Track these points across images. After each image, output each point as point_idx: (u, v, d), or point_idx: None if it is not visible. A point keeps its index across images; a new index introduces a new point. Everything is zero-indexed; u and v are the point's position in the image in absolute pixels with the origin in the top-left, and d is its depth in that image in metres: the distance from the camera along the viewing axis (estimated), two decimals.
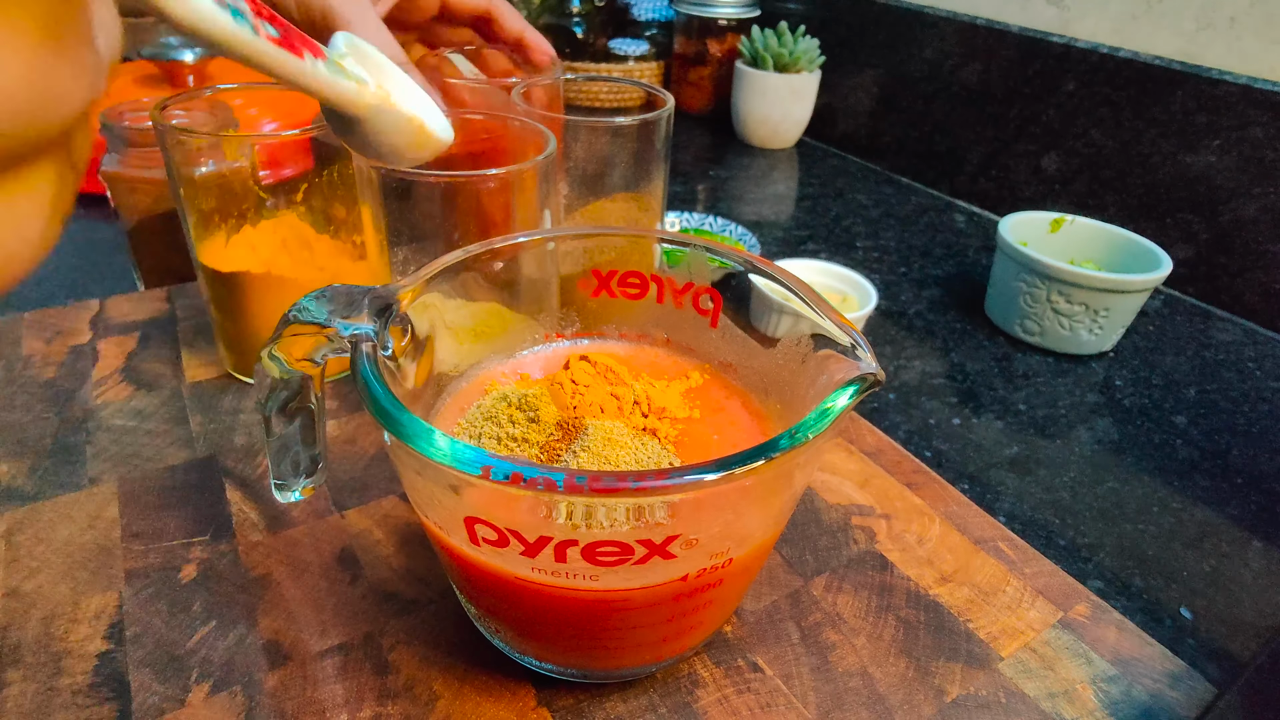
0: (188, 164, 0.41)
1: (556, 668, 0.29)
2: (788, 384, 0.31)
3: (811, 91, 0.99)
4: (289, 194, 0.44)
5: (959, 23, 0.85)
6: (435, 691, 0.29)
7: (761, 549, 0.27)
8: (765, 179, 0.94)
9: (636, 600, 0.25)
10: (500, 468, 0.21)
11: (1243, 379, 0.59)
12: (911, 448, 0.50)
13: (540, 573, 0.23)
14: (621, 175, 0.46)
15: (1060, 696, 0.31)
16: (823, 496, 0.40)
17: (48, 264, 0.64)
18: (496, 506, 0.23)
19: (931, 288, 0.70)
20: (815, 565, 0.36)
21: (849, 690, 0.31)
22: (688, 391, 0.33)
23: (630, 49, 1.11)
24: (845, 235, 0.80)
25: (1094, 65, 0.73)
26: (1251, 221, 0.65)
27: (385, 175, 0.36)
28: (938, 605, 0.35)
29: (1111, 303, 0.57)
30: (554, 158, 0.38)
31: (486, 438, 0.29)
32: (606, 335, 0.37)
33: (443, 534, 0.25)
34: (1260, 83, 0.63)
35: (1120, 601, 0.40)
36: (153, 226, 0.55)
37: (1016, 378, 0.58)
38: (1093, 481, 0.48)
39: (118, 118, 0.52)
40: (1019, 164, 0.82)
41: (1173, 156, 0.69)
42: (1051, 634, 0.33)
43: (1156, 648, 0.33)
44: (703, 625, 0.29)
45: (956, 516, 0.39)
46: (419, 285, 0.29)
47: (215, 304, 0.44)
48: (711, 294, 0.33)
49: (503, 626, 0.28)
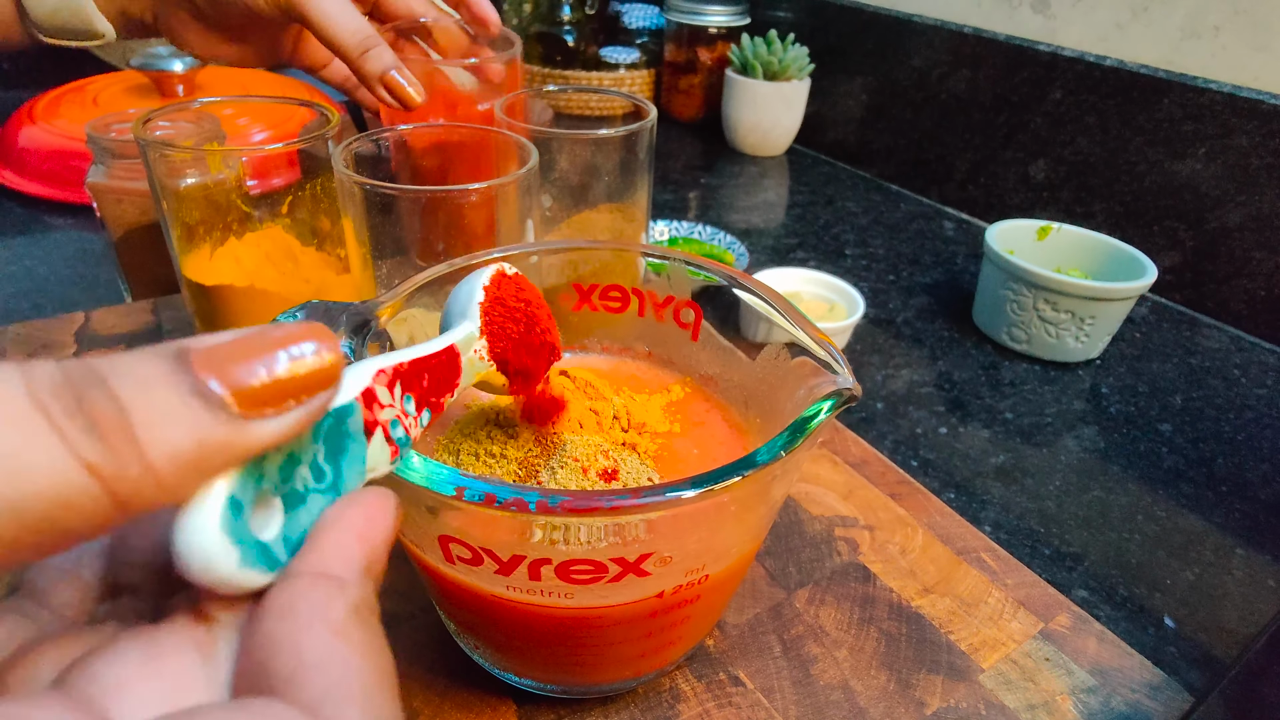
0: (171, 177, 0.41)
1: (536, 683, 0.29)
2: (767, 397, 0.31)
3: (801, 99, 1.00)
4: (274, 207, 0.44)
5: (947, 31, 0.85)
6: (415, 709, 0.29)
7: (740, 563, 0.27)
8: (755, 187, 0.94)
9: (612, 617, 0.25)
10: (474, 488, 0.21)
11: (1228, 386, 0.59)
12: (898, 457, 0.50)
13: (515, 590, 0.23)
14: (606, 186, 0.46)
15: (1040, 708, 0.31)
16: (806, 508, 0.40)
17: (36, 276, 0.64)
18: (471, 526, 0.23)
19: (920, 295, 0.70)
20: (798, 577, 0.36)
21: (830, 703, 0.31)
22: (668, 405, 0.33)
23: (621, 57, 1.11)
24: (834, 243, 0.80)
25: (1080, 73, 0.74)
26: (1237, 229, 0.66)
27: (368, 189, 0.36)
28: (919, 617, 0.35)
29: (1098, 310, 0.58)
30: (535, 171, 0.39)
31: (465, 454, 0.29)
32: (588, 349, 0.37)
33: (419, 551, 0.25)
34: (1245, 91, 0.64)
35: (1104, 610, 0.40)
36: (140, 238, 0.55)
37: (1003, 386, 0.58)
38: (1078, 490, 0.48)
39: (104, 129, 0.52)
40: (1007, 172, 0.83)
41: (1159, 164, 0.70)
42: (1032, 645, 0.34)
43: (1136, 658, 0.33)
44: (682, 640, 0.29)
45: (940, 527, 0.39)
46: (399, 300, 0.29)
47: (199, 317, 0.44)
48: (692, 307, 0.34)
49: (481, 643, 0.28)
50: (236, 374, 0.13)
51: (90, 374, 0.12)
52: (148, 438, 0.12)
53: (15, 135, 0.76)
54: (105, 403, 0.12)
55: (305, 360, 0.14)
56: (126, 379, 0.12)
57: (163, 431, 0.12)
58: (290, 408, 0.14)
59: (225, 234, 0.43)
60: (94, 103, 0.77)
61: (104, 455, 0.12)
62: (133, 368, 0.13)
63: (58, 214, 0.73)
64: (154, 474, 0.12)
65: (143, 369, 0.13)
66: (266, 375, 0.14)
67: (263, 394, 0.13)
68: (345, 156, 0.38)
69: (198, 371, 0.13)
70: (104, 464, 0.12)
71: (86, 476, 0.12)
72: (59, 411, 0.12)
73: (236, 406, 0.13)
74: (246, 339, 0.14)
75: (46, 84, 0.82)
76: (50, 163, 0.74)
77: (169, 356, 0.13)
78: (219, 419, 0.13)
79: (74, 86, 0.81)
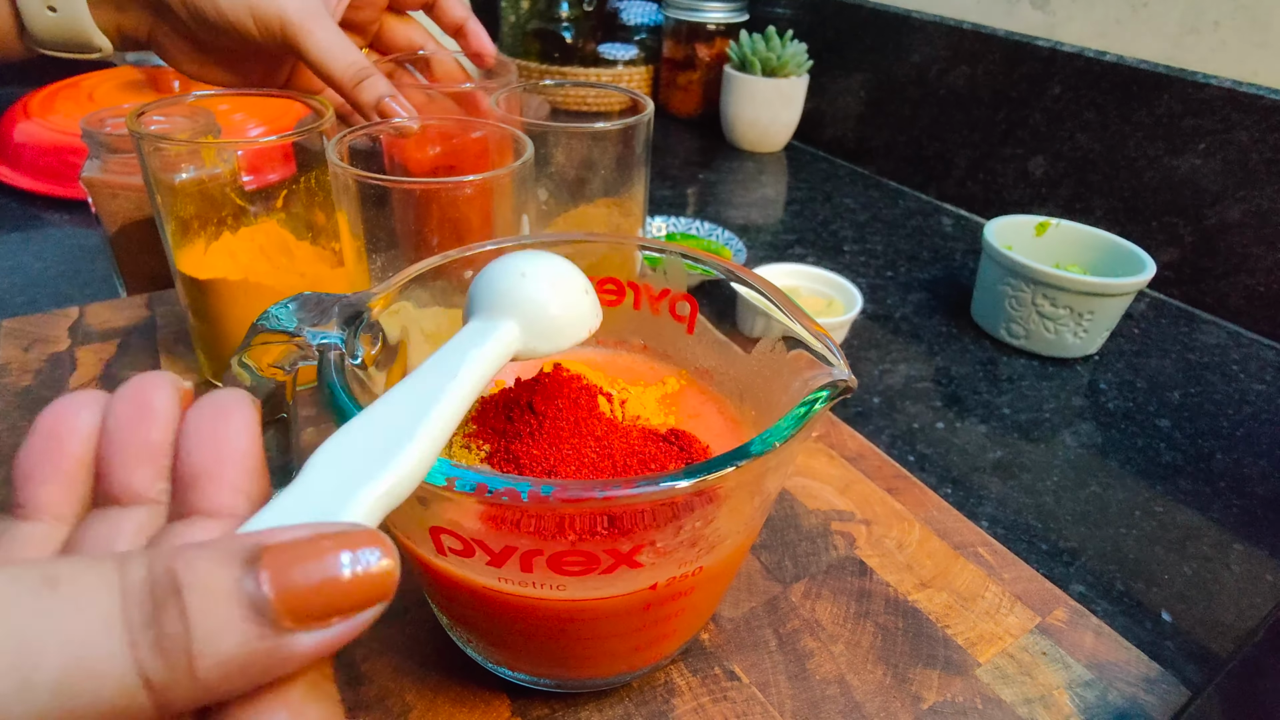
0: (165, 171, 0.41)
1: (530, 677, 0.29)
2: (763, 389, 0.30)
3: (800, 96, 0.99)
4: (269, 200, 0.43)
5: (946, 27, 0.85)
6: (408, 703, 0.29)
7: (734, 556, 0.27)
8: (753, 183, 0.94)
9: (606, 609, 0.24)
10: (465, 478, 0.21)
11: (1227, 382, 0.59)
12: (895, 452, 0.49)
13: (507, 582, 0.23)
14: (602, 181, 0.46)
15: (1037, 702, 0.31)
16: (803, 502, 0.40)
17: (30, 271, 0.64)
18: (463, 517, 0.23)
19: (918, 291, 0.70)
20: (794, 571, 0.36)
21: (826, 698, 0.31)
22: (664, 398, 0.33)
23: (619, 54, 1.11)
24: (833, 239, 0.80)
25: (1080, 69, 0.74)
26: (1237, 224, 0.65)
27: (363, 182, 0.36)
28: (916, 611, 0.34)
29: (1096, 306, 0.58)
30: (530, 164, 0.38)
31: (456, 446, 0.28)
32: (584, 342, 0.36)
33: (410, 544, 0.25)
34: (1245, 86, 0.64)
35: (1102, 605, 0.40)
36: (135, 233, 0.55)
37: (1001, 381, 0.58)
38: (1076, 485, 0.48)
39: (99, 124, 0.51)
40: (1006, 168, 0.82)
41: (1158, 160, 0.70)
42: (1029, 639, 0.33)
43: (1133, 652, 0.33)
44: (676, 633, 0.29)
45: (936, 522, 0.39)
46: (392, 292, 0.29)
47: (194, 311, 0.44)
48: (688, 300, 0.33)
49: (474, 636, 0.28)
50: (293, 582, 0.13)
51: (170, 582, 0.13)
52: (202, 652, 0.12)
53: (11, 130, 0.75)
54: (175, 619, 0.12)
55: (369, 573, 0.14)
56: (197, 593, 0.13)
57: (216, 646, 0.12)
58: (334, 623, 0.14)
59: (220, 228, 0.43)
60: (90, 98, 0.77)
61: (163, 672, 0.12)
62: (208, 576, 0.13)
63: (53, 209, 0.73)
64: (200, 686, 0.12)
65: (215, 578, 0.13)
66: (318, 583, 0.13)
67: (311, 606, 0.13)
68: (340, 149, 0.38)
69: (264, 582, 0.13)
70: (159, 679, 0.12)
71: (141, 688, 0.12)
72: (139, 624, 0.12)
73: (284, 620, 0.13)
74: (314, 541, 0.14)
75: (42, 79, 0.81)
76: (46, 158, 0.73)
77: (241, 562, 0.13)
78: (266, 633, 0.13)
79: (70, 82, 0.81)
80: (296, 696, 0.14)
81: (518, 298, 0.24)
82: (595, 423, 0.29)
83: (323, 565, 0.13)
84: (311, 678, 0.15)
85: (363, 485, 0.16)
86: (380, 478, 0.17)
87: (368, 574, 0.14)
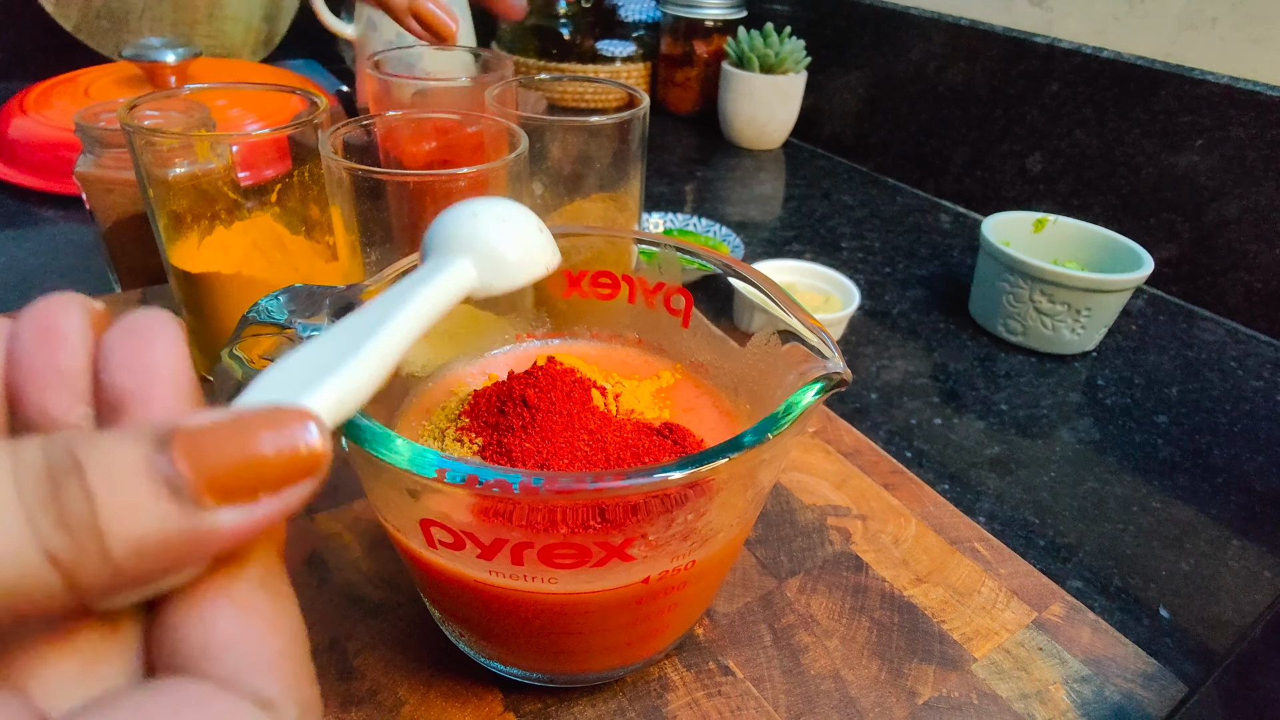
0: (158, 165, 0.41)
1: (522, 672, 0.29)
2: (757, 383, 0.30)
3: (798, 92, 0.99)
4: (263, 195, 0.43)
5: (944, 24, 0.85)
6: (400, 697, 0.29)
7: (728, 550, 0.27)
8: (751, 180, 0.94)
9: (598, 603, 0.24)
10: (456, 470, 0.20)
11: (1224, 378, 0.59)
12: (893, 448, 0.49)
13: (498, 575, 0.23)
14: (598, 175, 0.45)
15: (1033, 697, 0.31)
16: (799, 497, 0.40)
17: (25, 268, 0.63)
18: (454, 509, 0.22)
19: (916, 288, 0.70)
20: (790, 566, 0.36)
21: (821, 693, 0.30)
22: (658, 391, 0.33)
23: (617, 50, 1.11)
24: (830, 236, 0.80)
25: (1077, 66, 0.73)
26: (1234, 221, 0.65)
27: (357, 175, 0.36)
28: (912, 606, 0.34)
29: (1094, 302, 0.57)
30: (524, 157, 0.38)
31: (450, 439, 0.28)
32: (578, 335, 0.36)
33: (401, 536, 0.25)
34: (1242, 83, 0.63)
35: (1099, 601, 0.40)
36: (129, 228, 0.54)
37: (999, 377, 0.58)
38: (1073, 481, 0.48)
39: (93, 119, 0.51)
40: (1004, 164, 0.82)
41: (1156, 156, 0.69)
42: (1025, 635, 0.33)
43: (1130, 647, 0.33)
44: (670, 628, 0.28)
45: (933, 517, 0.39)
46: (383, 284, 0.29)
47: (187, 305, 0.44)
48: (683, 294, 0.33)
49: (466, 630, 0.28)
50: (209, 459, 0.13)
51: (69, 460, 0.12)
52: (111, 530, 0.12)
53: (6, 126, 0.75)
54: (76, 495, 0.12)
55: (294, 448, 0.13)
56: (100, 469, 0.12)
57: (127, 524, 0.12)
58: (261, 499, 0.13)
59: (213, 222, 0.43)
60: (85, 94, 0.77)
61: (67, 547, 0.12)
62: (110, 454, 0.12)
63: (48, 206, 0.72)
64: (113, 565, 0.12)
65: (119, 456, 0.12)
66: (239, 460, 0.13)
67: (232, 482, 0.13)
68: (333, 142, 0.38)
69: (178, 459, 0.12)
70: (65, 556, 0.12)
71: (48, 567, 0.12)
72: (35, 502, 0.12)
73: (204, 497, 0.13)
74: (236, 421, 0.13)
75: (38, 75, 0.81)
76: (41, 154, 0.73)
77: (151, 441, 0.13)
78: (185, 510, 0.12)
79: (66, 78, 0.80)
80: (244, 589, 0.14)
81: (468, 235, 0.24)
82: (589, 416, 0.28)
83: (243, 442, 0.13)
84: (259, 571, 0.14)
85: (302, 394, 0.16)
86: (321, 389, 0.16)
87: (294, 449, 0.13)
